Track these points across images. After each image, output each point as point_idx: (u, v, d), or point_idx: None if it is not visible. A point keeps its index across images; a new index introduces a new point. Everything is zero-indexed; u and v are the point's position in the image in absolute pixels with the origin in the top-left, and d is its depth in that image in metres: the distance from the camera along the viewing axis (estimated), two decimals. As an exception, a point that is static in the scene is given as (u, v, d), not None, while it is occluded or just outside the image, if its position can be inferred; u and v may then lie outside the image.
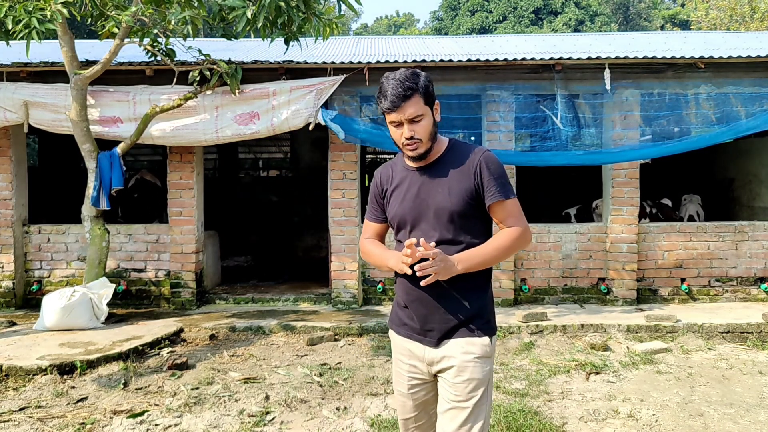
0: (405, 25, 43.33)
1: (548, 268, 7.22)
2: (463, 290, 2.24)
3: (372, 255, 2.44)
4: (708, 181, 10.07)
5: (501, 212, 2.30)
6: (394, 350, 2.41)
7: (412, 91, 2.17)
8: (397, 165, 2.40)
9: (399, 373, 2.38)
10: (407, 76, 2.19)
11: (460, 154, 2.31)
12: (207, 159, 10.75)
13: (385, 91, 2.19)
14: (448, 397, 2.21)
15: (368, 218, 2.51)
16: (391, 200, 2.37)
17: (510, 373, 4.94)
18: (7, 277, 7.16)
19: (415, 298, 2.27)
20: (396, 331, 2.39)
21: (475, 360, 2.21)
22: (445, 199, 2.24)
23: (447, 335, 2.24)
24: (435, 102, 2.27)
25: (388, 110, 2.20)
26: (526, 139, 7.81)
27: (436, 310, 2.24)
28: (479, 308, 2.27)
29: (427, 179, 2.29)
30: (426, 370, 2.30)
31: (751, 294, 7.20)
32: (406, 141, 2.22)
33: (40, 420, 4.00)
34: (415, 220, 2.28)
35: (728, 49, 7.22)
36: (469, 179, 2.25)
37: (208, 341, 5.92)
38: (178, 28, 6.07)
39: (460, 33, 26.53)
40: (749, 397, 4.40)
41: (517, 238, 2.29)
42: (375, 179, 2.47)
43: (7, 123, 6.71)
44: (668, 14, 32.00)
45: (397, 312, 2.40)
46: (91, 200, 6.30)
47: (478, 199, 2.26)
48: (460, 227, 2.25)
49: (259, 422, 3.98)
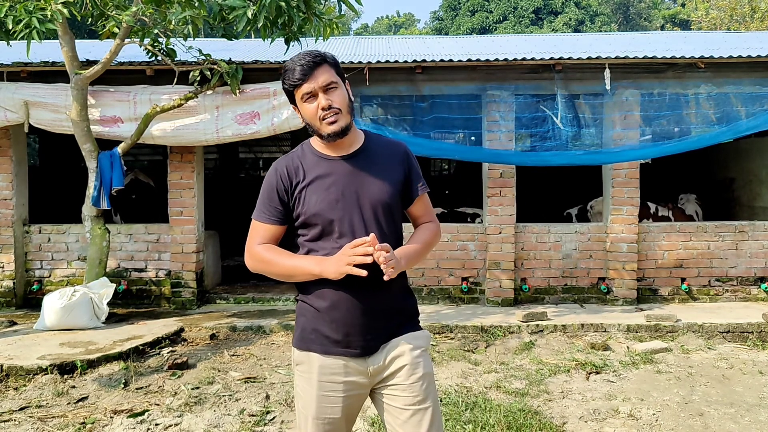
0: (405, 25, 43.34)
1: (548, 267, 7.22)
2: (400, 290, 2.12)
3: (276, 263, 2.04)
4: (708, 180, 10.08)
5: (422, 206, 2.22)
6: (317, 373, 2.03)
7: (321, 58, 2.00)
8: (307, 156, 2.10)
9: (327, 397, 2.03)
10: (314, 51, 2.03)
11: (381, 144, 2.16)
12: (207, 159, 10.75)
13: (293, 66, 2.00)
14: (404, 402, 2.03)
15: (260, 220, 2.10)
16: (306, 195, 2.03)
17: (510, 373, 4.94)
18: (7, 276, 7.17)
19: (351, 304, 2.00)
20: (321, 351, 2.03)
21: (423, 353, 2.08)
22: (380, 190, 2.05)
23: (389, 337, 2.07)
24: (346, 79, 2.09)
25: (298, 81, 1.98)
26: (526, 139, 7.82)
27: (377, 315, 2.03)
28: (414, 307, 2.18)
29: (355, 170, 2.06)
30: (367, 383, 2.07)
31: (752, 294, 7.20)
32: (324, 112, 1.98)
33: (41, 419, 4.01)
34: (344, 216, 2.01)
35: (728, 49, 7.22)
36: (399, 171, 2.12)
37: (209, 341, 5.93)
38: (178, 28, 6.08)
39: (460, 33, 26.54)
40: (749, 397, 4.40)
41: (437, 234, 2.23)
42: (277, 172, 2.08)
43: (7, 123, 6.71)
44: (668, 14, 31.99)
45: (318, 329, 2.04)
46: (91, 200, 6.31)
47: (404, 191, 2.14)
48: (390, 223, 2.08)
49: (260, 422, 3.98)
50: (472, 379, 4.78)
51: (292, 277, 2.04)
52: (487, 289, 7.18)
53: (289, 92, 2.04)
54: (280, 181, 2.07)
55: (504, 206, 7.15)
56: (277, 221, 2.08)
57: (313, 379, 2.04)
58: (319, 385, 2.03)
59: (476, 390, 4.52)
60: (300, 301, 2.11)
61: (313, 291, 2.04)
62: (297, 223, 2.09)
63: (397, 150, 2.16)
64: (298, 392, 2.10)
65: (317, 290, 2.02)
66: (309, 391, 2.05)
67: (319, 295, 2.03)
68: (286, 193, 2.06)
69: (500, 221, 7.15)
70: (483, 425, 3.77)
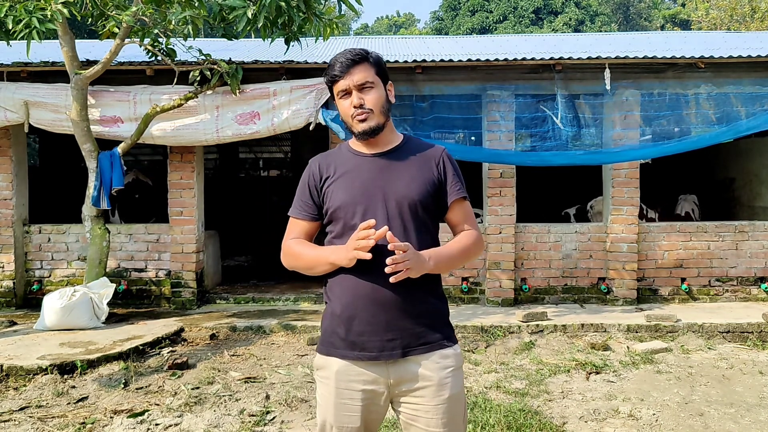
0: (405, 25, 43.33)
1: (548, 267, 7.22)
2: (428, 292, 1.99)
3: (302, 256, 2.04)
4: (708, 180, 10.07)
5: (461, 212, 2.10)
6: (335, 379, 1.97)
7: (362, 57, 1.99)
8: (342, 152, 2.11)
9: (345, 405, 1.96)
10: (357, 49, 2.02)
11: (418, 145, 2.12)
12: (207, 159, 10.76)
13: (334, 62, 2.00)
14: (426, 424, 1.94)
15: (294, 215, 2.11)
16: (333, 190, 2.02)
17: (510, 373, 4.94)
18: (7, 276, 7.17)
19: (370, 300, 1.92)
20: (342, 356, 1.97)
21: (452, 372, 1.97)
22: (407, 186, 1.99)
23: (413, 346, 1.94)
24: (388, 80, 2.08)
25: (335, 77, 1.99)
26: (526, 139, 7.82)
27: (400, 314, 1.93)
28: (444, 314, 2.05)
29: (384, 165, 2.04)
30: (387, 393, 1.97)
31: (752, 294, 7.20)
32: (355, 111, 1.98)
33: (41, 419, 4.01)
34: (367, 210, 1.96)
35: (729, 49, 7.23)
36: (432, 170, 2.05)
37: (209, 341, 5.93)
38: (178, 28, 6.08)
39: (460, 33, 26.53)
40: (749, 397, 4.40)
41: (477, 243, 2.09)
42: (310, 168, 2.10)
43: (7, 123, 6.72)
44: (668, 14, 31.97)
45: (336, 331, 1.99)
46: (91, 200, 6.31)
47: (438, 194, 2.05)
48: (418, 222, 2.00)
49: (260, 422, 3.98)
50: (472, 379, 4.78)
51: (315, 268, 2.02)
52: (487, 289, 7.18)
53: (329, 87, 2.06)
54: (311, 177, 2.09)
55: (504, 206, 7.15)
56: (309, 216, 2.09)
57: (331, 385, 1.98)
58: (337, 392, 1.97)
59: (476, 390, 4.52)
60: (326, 305, 2.09)
61: (335, 290, 2.00)
62: (325, 221, 2.08)
63: (434, 152, 2.10)
64: (318, 398, 2.06)
65: (339, 287, 1.98)
66: (328, 397, 2.00)
67: (339, 292, 1.99)
68: (316, 189, 2.07)
69: (500, 221, 7.15)
70: (483, 425, 3.77)
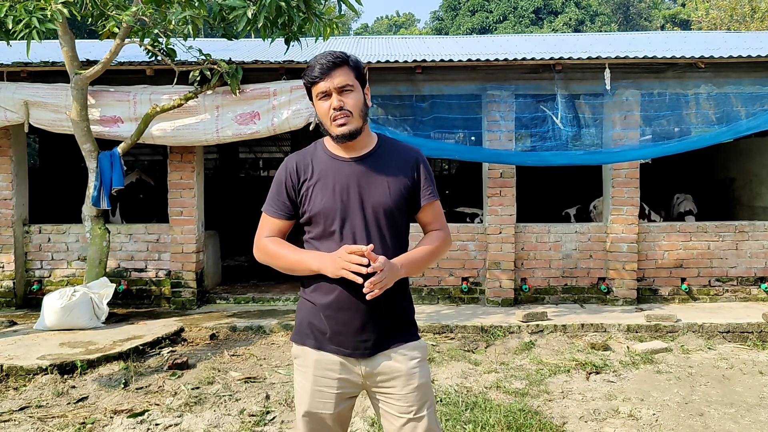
0: (405, 25, 43.33)
1: (548, 267, 7.22)
2: (398, 295, 2.09)
3: (282, 257, 2.09)
4: (708, 180, 10.07)
5: (431, 212, 2.19)
6: (313, 367, 2.07)
7: (342, 60, 2.03)
8: (318, 153, 2.13)
9: (321, 392, 2.06)
10: (337, 52, 2.07)
11: (395, 149, 2.16)
12: (207, 159, 10.76)
13: (314, 64, 2.03)
14: (399, 411, 2.06)
15: (268, 213, 2.14)
16: (312, 194, 2.07)
17: (510, 373, 4.94)
18: (7, 276, 7.17)
19: (347, 304, 2.02)
20: (316, 346, 2.08)
21: (419, 363, 2.09)
22: (385, 194, 2.06)
23: (383, 343, 2.06)
24: (366, 84, 2.11)
25: (315, 78, 2.02)
26: (526, 139, 7.82)
27: (373, 317, 2.03)
28: (411, 313, 2.17)
29: (361, 172, 2.07)
30: (360, 383, 2.10)
31: (752, 294, 7.20)
32: (335, 113, 2.01)
33: (41, 419, 4.01)
34: (346, 217, 2.04)
35: (729, 49, 7.22)
36: (408, 176, 2.12)
37: (209, 341, 5.93)
38: (178, 28, 6.08)
39: (460, 33, 26.54)
40: (749, 397, 4.40)
41: (445, 242, 2.20)
42: (287, 167, 2.12)
43: (7, 123, 6.71)
44: (668, 14, 31.97)
45: (312, 323, 2.08)
46: (91, 200, 6.31)
47: (411, 197, 2.13)
48: (394, 227, 2.09)
49: (260, 422, 3.98)
50: (472, 379, 4.78)
51: (294, 270, 2.08)
52: (487, 289, 7.18)
53: (307, 88, 2.08)
54: (288, 177, 2.11)
55: (504, 206, 7.15)
56: (284, 216, 2.13)
57: (309, 373, 2.08)
58: (314, 379, 2.07)
59: (476, 390, 4.52)
60: (301, 297, 2.16)
61: (312, 287, 2.08)
62: (302, 221, 2.12)
63: (410, 156, 2.16)
64: (295, 386, 2.15)
65: (316, 286, 2.06)
66: (304, 384, 2.09)
67: (317, 291, 2.06)
68: (293, 189, 2.10)
69: (500, 221, 7.15)
70: (483, 425, 3.77)
